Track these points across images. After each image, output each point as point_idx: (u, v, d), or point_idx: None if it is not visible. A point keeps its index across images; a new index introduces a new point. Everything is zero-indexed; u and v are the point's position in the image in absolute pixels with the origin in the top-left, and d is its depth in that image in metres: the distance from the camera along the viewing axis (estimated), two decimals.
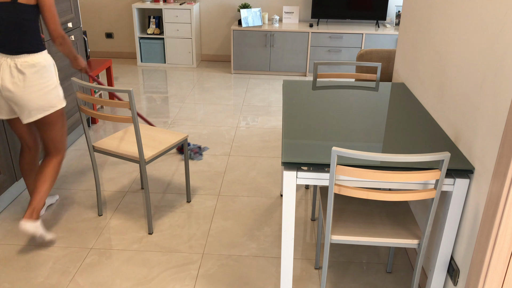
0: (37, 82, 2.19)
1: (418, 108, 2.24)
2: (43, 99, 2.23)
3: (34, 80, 2.18)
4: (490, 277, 1.51)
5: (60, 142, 2.40)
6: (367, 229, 1.80)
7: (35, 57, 2.18)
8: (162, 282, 2.17)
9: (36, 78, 2.18)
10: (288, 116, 2.12)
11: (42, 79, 2.21)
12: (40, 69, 2.20)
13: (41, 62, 2.20)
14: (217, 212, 2.73)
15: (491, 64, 1.57)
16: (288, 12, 5.63)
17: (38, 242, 2.43)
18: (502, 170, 1.40)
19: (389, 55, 3.12)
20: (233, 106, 4.47)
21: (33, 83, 2.18)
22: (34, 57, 2.18)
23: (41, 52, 2.21)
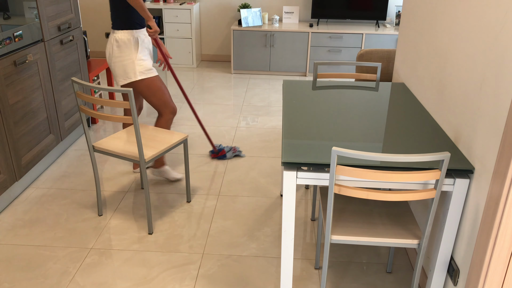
0: (118, 54, 2.70)
1: (418, 108, 2.24)
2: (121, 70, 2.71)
3: (116, 52, 2.70)
4: (490, 277, 1.51)
5: (159, 106, 2.82)
6: (367, 229, 1.80)
7: (116, 35, 2.69)
8: (162, 282, 2.17)
9: (118, 51, 2.70)
10: (288, 116, 2.12)
11: (121, 53, 2.69)
12: (121, 45, 2.69)
13: (122, 38, 2.68)
14: (217, 212, 2.73)
15: (491, 64, 1.57)
16: (288, 12, 5.63)
17: (45, 239, 2.43)
18: (502, 170, 1.40)
19: (389, 55, 3.12)
20: (233, 106, 4.47)
21: (115, 54, 2.71)
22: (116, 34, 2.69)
23: (120, 31, 2.68)
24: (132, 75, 2.72)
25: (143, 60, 2.73)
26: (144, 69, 2.73)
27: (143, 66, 2.73)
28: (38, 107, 2.96)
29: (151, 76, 2.76)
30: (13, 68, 2.66)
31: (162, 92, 2.80)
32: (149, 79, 2.75)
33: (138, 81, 2.74)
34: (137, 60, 2.71)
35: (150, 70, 2.76)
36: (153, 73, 2.77)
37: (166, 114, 2.85)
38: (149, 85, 2.76)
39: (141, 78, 2.73)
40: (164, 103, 2.82)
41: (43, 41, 3.02)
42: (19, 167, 2.77)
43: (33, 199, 2.83)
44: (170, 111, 2.85)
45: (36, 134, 2.95)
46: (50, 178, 3.09)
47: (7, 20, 2.64)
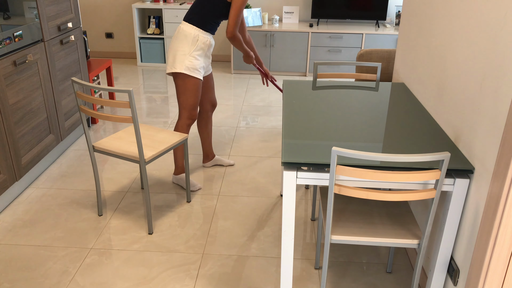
0: (175, 43, 2.76)
1: (418, 108, 2.24)
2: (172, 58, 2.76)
3: (176, 42, 2.76)
4: (490, 277, 1.51)
5: (181, 106, 2.83)
6: (367, 229, 1.80)
7: (183, 25, 2.75)
8: (162, 282, 2.17)
9: (177, 41, 2.76)
10: (288, 116, 2.12)
11: (179, 43, 2.74)
12: (182, 36, 2.74)
13: (185, 30, 2.73)
14: (217, 212, 2.73)
15: (491, 64, 1.57)
16: (288, 12, 5.62)
17: (45, 239, 2.43)
18: (502, 170, 1.40)
19: (389, 55, 3.12)
20: (233, 106, 4.47)
21: (173, 43, 2.77)
22: (183, 25, 2.75)
23: (189, 24, 2.73)
24: (178, 67, 2.73)
25: (195, 58, 2.74)
26: (192, 66, 2.73)
27: (191, 63, 2.73)
28: (38, 107, 2.96)
29: (193, 76, 2.75)
30: (13, 68, 2.66)
31: (192, 95, 2.79)
32: (190, 78, 2.75)
33: (180, 74, 2.75)
34: (189, 55, 2.72)
35: (196, 71, 2.76)
36: (197, 74, 2.76)
37: (183, 117, 2.83)
38: (186, 83, 2.76)
39: (184, 72, 2.73)
40: (187, 106, 2.80)
41: (43, 41, 3.02)
42: (19, 167, 2.77)
43: (33, 199, 2.83)
44: (188, 116, 2.83)
45: (36, 134, 2.95)
46: (50, 178, 3.09)
47: (7, 20, 2.64)
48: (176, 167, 2.99)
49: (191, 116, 2.85)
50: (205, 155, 3.25)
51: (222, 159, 3.29)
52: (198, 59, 2.75)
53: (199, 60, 2.76)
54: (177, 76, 2.76)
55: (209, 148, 3.23)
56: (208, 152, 3.24)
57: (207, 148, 3.22)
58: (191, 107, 2.82)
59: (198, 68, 2.76)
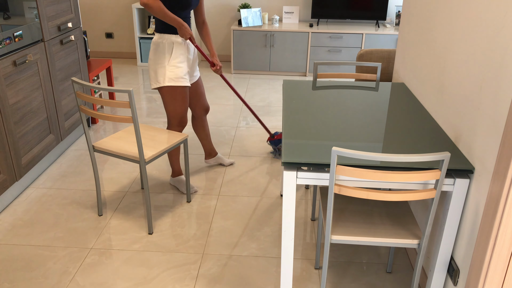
0: (152, 57, 2.70)
1: (418, 108, 2.24)
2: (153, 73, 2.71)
3: (151, 55, 2.70)
4: (490, 277, 1.51)
5: (169, 115, 2.78)
6: (367, 229, 1.80)
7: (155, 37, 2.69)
8: (162, 282, 2.17)
9: (153, 54, 2.69)
10: (288, 116, 2.12)
11: (155, 56, 2.68)
12: (155, 48, 2.67)
13: (155, 42, 2.67)
14: (217, 212, 2.73)
15: (491, 64, 1.57)
16: (288, 12, 5.62)
17: (45, 239, 2.43)
18: (502, 170, 1.40)
19: (389, 55, 3.12)
20: (233, 106, 4.47)
21: (150, 57, 2.71)
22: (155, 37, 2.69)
23: (156, 34, 2.67)
24: (161, 80, 2.67)
25: (175, 66, 2.66)
26: (175, 76, 2.66)
27: (173, 73, 2.65)
28: (38, 107, 2.96)
29: (178, 85, 2.68)
30: (13, 68, 2.66)
31: (180, 104, 2.73)
32: (175, 88, 2.68)
33: (164, 87, 2.68)
34: (169, 66, 2.65)
35: (181, 79, 2.68)
36: (182, 82, 2.69)
37: (173, 125, 2.78)
38: (172, 93, 2.69)
39: (169, 84, 2.66)
40: (176, 115, 2.75)
41: (43, 41, 3.02)
42: (19, 167, 2.77)
43: (33, 199, 2.83)
44: (177, 124, 2.78)
45: (36, 134, 2.95)
46: (50, 178, 3.09)
47: (7, 20, 2.64)
48: (173, 170, 2.97)
49: (181, 124, 2.80)
50: (207, 153, 3.26)
51: (224, 158, 3.30)
52: (179, 67, 2.67)
53: (181, 67, 2.68)
54: (163, 89, 2.69)
55: (210, 146, 3.23)
56: (211, 150, 3.24)
57: (208, 146, 3.23)
58: (180, 115, 2.76)
59: (182, 76, 2.68)
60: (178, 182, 2.97)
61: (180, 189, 2.95)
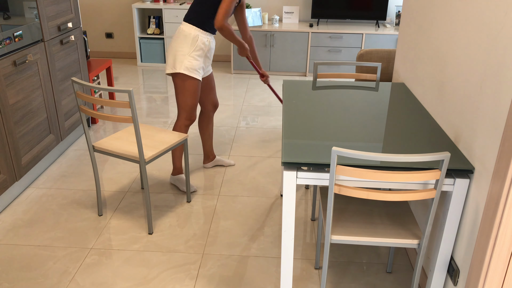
0: (175, 44, 2.76)
1: (418, 108, 2.24)
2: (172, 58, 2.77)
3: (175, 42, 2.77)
4: (490, 277, 1.51)
5: (179, 106, 2.83)
6: (367, 229, 1.80)
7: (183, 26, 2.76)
8: (162, 282, 2.17)
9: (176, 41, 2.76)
10: (288, 116, 2.12)
11: (179, 44, 2.74)
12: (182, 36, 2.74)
13: (185, 30, 2.74)
14: (217, 212, 2.73)
15: (491, 64, 1.57)
16: (288, 12, 5.62)
17: (45, 239, 2.43)
18: (502, 170, 1.40)
19: (389, 55, 3.12)
20: (233, 106, 4.47)
21: (173, 43, 2.78)
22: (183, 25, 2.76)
23: (189, 24, 2.74)
24: (178, 67, 2.73)
25: (194, 58, 2.74)
26: (191, 67, 2.73)
27: (191, 63, 2.73)
28: (38, 107, 2.96)
29: (192, 76, 2.75)
30: (13, 68, 2.66)
31: (191, 96, 2.79)
32: (188, 77, 2.75)
33: (178, 74, 2.75)
34: (189, 55, 2.72)
35: (196, 71, 2.75)
36: (196, 75, 2.76)
37: (181, 118, 2.84)
38: (184, 83, 2.76)
39: (183, 72, 2.73)
40: (186, 106, 2.81)
41: (43, 41, 3.02)
42: (19, 167, 2.77)
43: (33, 199, 2.83)
44: (186, 117, 2.83)
45: (36, 134, 2.95)
46: (50, 178, 3.09)
47: (7, 20, 2.64)
48: (174, 167, 2.99)
49: (189, 117, 2.85)
50: (205, 156, 3.26)
51: (223, 160, 3.30)
52: (197, 60, 2.75)
53: (198, 60, 2.76)
54: (176, 76, 2.76)
55: (210, 149, 3.23)
56: (209, 153, 3.24)
57: (208, 149, 3.23)
58: (190, 108, 2.82)
59: (197, 68, 2.76)
60: (178, 180, 2.97)
61: (180, 187, 2.95)
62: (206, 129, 3.16)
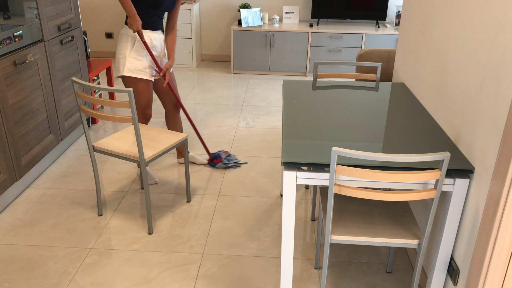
0: (118, 47, 2.80)
1: (418, 108, 2.24)
2: (116, 63, 2.80)
3: (117, 46, 2.80)
4: (490, 277, 1.51)
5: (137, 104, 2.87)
6: (367, 229, 1.80)
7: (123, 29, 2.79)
8: (162, 282, 2.17)
9: (118, 44, 2.79)
10: (288, 116, 2.12)
11: (119, 46, 2.78)
12: (121, 39, 2.77)
13: (122, 32, 2.78)
14: (217, 212, 2.73)
15: (491, 64, 1.57)
16: (288, 12, 5.62)
17: (45, 239, 2.43)
18: (502, 170, 1.40)
19: (389, 55, 3.12)
20: (233, 106, 4.47)
21: (117, 47, 2.80)
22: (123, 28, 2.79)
23: (125, 26, 2.78)
24: (121, 69, 2.76)
25: (136, 58, 2.74)
26: (134, 68, 2.74)
27: (132, 64, 2.74)
28: (38, 107, 2.96)
29: (137, 77, 2.76)
30: (13, 68, 2.66)
31: (141, 96, 2.82)
32: (134, 79, 2.77)
33: (125, 77, 2.78)
34: (129, 57, 2.74)
35: (140, 71, 2.76)
36: (141, 75, 2.77)
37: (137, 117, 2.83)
38: (130, 84, 2.79)
39: (127, 75, 2.75)
40: (138, 107, 2.85)
41: (43, 41, 3.02)
42: (19, 167, 2.77)
43: (33, 199, 2.83)
44: (141, 115, 2.89)
45: (36, 134, 2.95)
46: (50, 178, 3.09)
47: (7, 20, 2.64)
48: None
49: (144, 116, 2.90)
50: (178, 152, 3.31)
51: (196, 157, 3.31)
52: (140, 60, 2.76)
53: (141, 60, 2.76)
54: (124, 79, 2.79)
55: (181, 145, 3.24)
56: (181, 149, 3.29)
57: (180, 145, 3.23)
58: (143, 107, 2.86)
59: (141, 69, 2.77)
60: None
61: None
62: (173, 128, 3.16)
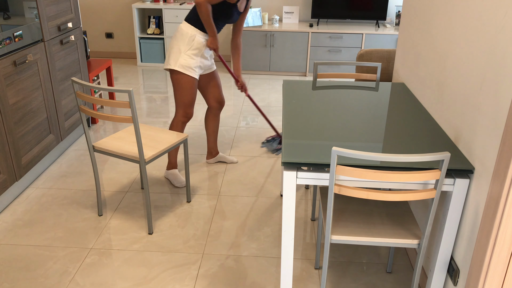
0: (173, 41, 2.83)
1: (418, 108, 2.24)
2: (168, 55, 2.85)
3: (173, 39, 2.84)
4: (490, 277, 1.51)
5: (176, 103, 2.90)
6: (367, 229, 1.80)
7: (182, 25, 2.83)
8: (162, 282, 2.17)
9: (174, 39, 2.83)
10: (288, 116, 2.12)
11: (176, 41, 2.81)
12: (179, 35, 2.81)
13: (183, 29, 2.80)
14: (217, 212, 2.73)
15: (491, 64, 1.57)
16: (288, 12, 5.62)
17: (45, 239, 2.43)
18: (502, 170, 1.40)
19: (389, 55, 3.12)
20: (233, 106, 4.47)
21: (172, 41, 2.85)
22: (182, 24, 2.83)
23: (187, 24, 2.80)
24: (172, 63, 2.79)
25: (189, 57, 2.79)
26: (185, 64, 2.78)
27: (186, 61, 2.78)
28: (38, 107, 2.96)
29: (187, 74, 2.80)
30: (13, 68, 2.66)
31: (186, 93, 2.85)
32: (183, 75, 2.80)
33: (174, 71, 2.81)
34: (184, 53, 2.78)
35: (190, 69, 2.80)
36: (191, 73, 2.81)
37: (178, 115, 2.90)
38: (179, 80, 2.82)
39: (177, 69, 2.78)
40: (182, 103, 2.87)
41: (43, 41, 3.02)
42: (19, 167, 2.77)
43: (33, 199, 2.83)
44: (182, 114, 2.90)
45: (36, 134, 2.95)
46: (50, 178, 3.09)
47: (7, 20, 2.64)
48: (169, 162, 3.06)
49: (186, 114, 2.90)
50: (208, 152, 3.31)
51: (226, 156, 3.33)
52: (193, 58, 2.80)
53: (194, 59, 2.80)
54: (172, 73, 2.83)
55: (213, 145, 3.27)
56: (212, 149, 3.29)
57: (211, 144, 3.27)
58: (186, 105, 2.88)
59: (192, 67, 2.80)
60: (172, 175, 3.02)
61: (173, 182, 3.00)
62: (210, 125, 3.22)
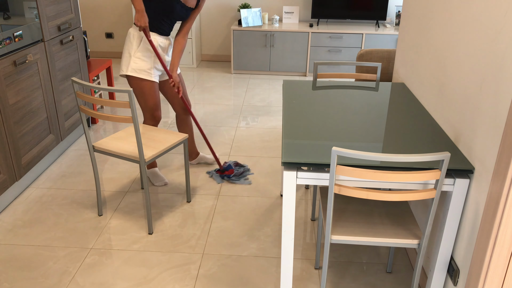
0: (124, 46, 2.79)
1: (418, 108, 2.24)
2: (121, 60, 2.79)
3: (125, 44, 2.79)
4: (490, 277, 1.51)
5: (141, 109, 2.86)
6: (367, 229, 1.80)
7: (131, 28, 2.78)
8: (162, 282, 2.17)
9: (125, 43, 2.79)
10: (288, 116, 2.12)
11: (126, 45, 2.77)
12: (128, 38, 2.76)
13: (130, 32, 2.76)
14: (217, 212, 2.73)
15: (491, 64, 1.57)
16: (288, 12, 5.62)
17: (45, 239, 2.43)
18: (502, 170, 1.40)
19: (389, 55, 3.12)
20: (233, 106, 4.47)
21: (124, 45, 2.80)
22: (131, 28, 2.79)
23: (134, 25, 2.75)
24: (124, 68, 2.74)
25: (140, 59, 2.71)
26: (138, 68, 2.71)
27: (137, 64, 2.71)
28: (38, 107, 2.96)
29: (142, 77, 2.73)
30: (13, 68, 2.66)
31: (148, 98, 2.78)
32: (139, 80, 2.74)
33: (129, 77, 2.75)
34: (134, 56, 2.71)
35: (144, 72, 2.72)
36: (146, 76, 2.73)
37: (146, 119, 2.86)
38: (137, 85, 2.76)
39: (131, 74, 2.72)
40: (146, 108, 2.82)
41: (43, 41, 3.02)
42: (19, 167, 2.77)
43: (33, 199, 2.83)
44: (150, 118, 2.85)
45: (36, 134, 2.95)
46: (50, 178, 3.09)
47: (7, 20, 2.64)
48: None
49: (153, 118, 2.86)
50: (189, 154, 3.27)
51: (206, 156, 3.30)
52: (144, 60, 2.72)
53: (145, 61, 2.72)
54: (128, 79, 2.77)
55: (192, 146, 3.23)
56: (191, 151, 3.25)
57: (190, 146, 3.23)
58: (150, 108, 2.82)
59: (145, 69, 2.73)
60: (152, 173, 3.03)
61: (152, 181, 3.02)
62: (183, 129, 3.15)
